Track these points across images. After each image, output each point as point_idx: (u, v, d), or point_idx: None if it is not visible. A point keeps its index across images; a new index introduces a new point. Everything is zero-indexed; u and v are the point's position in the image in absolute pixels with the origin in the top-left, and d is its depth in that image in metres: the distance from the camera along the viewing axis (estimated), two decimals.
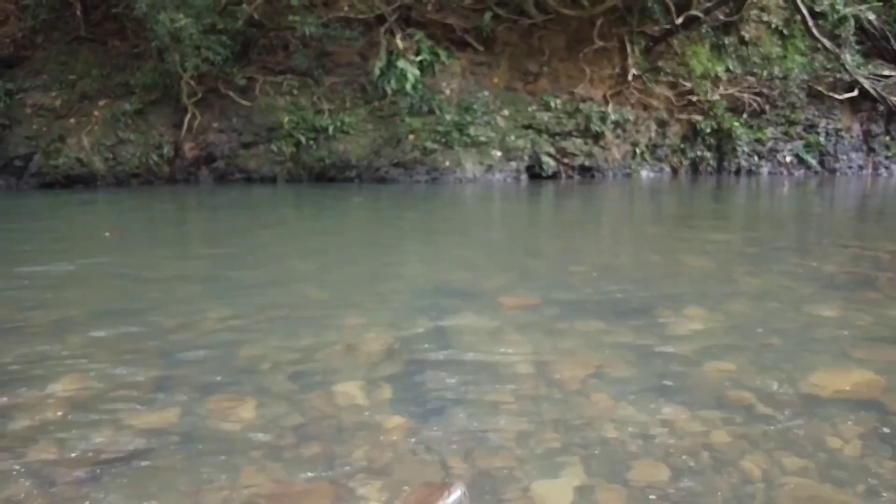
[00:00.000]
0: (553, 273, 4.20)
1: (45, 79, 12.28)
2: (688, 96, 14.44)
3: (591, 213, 8.10)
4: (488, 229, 6.54)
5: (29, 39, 12.92)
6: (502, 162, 12.58)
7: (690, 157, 14.33)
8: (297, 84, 12.45)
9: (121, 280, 4.08)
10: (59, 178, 11.18)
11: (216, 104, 12.13)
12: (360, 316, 3.23)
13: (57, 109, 11.90)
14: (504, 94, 13.54)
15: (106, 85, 12.21)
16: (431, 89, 12.78)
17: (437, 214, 7.90)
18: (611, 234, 6.06)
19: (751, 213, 8.22)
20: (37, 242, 5.69)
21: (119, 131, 11.61)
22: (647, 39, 14.52)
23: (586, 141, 13.37)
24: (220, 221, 7.10)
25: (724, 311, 3.33)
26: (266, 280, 4.05)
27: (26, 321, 3.18)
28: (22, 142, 11.52)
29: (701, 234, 5.98)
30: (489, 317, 3.20)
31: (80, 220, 7.85)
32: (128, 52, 12.67)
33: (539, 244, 5.41)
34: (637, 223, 6.95)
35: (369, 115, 12.53)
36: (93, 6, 12.85)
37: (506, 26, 13.90)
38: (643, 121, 13.94)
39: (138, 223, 7.33)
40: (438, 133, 12.37)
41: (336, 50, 12.83)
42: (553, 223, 6.99)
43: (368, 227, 6.84)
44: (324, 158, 12.05)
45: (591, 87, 13.85)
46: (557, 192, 10.93)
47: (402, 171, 12.18)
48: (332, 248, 5.31)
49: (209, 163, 11.99)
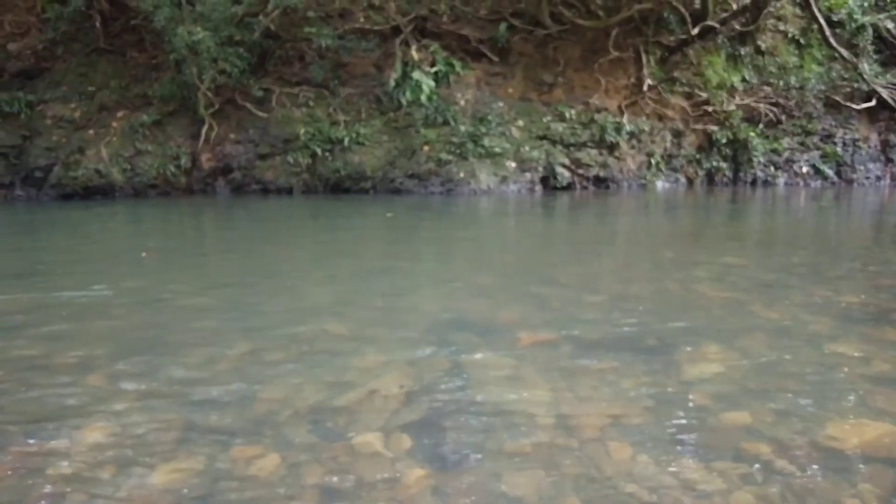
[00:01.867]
0: (568, 304, 4.21)
1: (65, 90, 12.46)
2: (703, 107, 14.43)
3: (605, 231, 8.10)
4: (503, 250, 6.56)
5: (49, 51, 13.10)
6: (517, 173, 12.61)
7: (706, 168, 14.31)
8: (313, 95, 12.56)
9: (146, 309, 4.13)
10: (78, 189, 11.34)
11: (233, 115, 12.26)
12: (379, 353, 3.26)
13: (76, 121, 12.07)
14: (519, 104, 13.58)
15: (124, 96, 12.37)
16: (446, 100, 12.84)
17: (451, 232, 7.93)
18: (625, 257, 6.06)
19: (766, 232, 8.19)
20: (71, 264, 5.78)
21: (137, 143, 11.76)
22: (663, 49, 14.52)
23: (601, 152, 13.38)
24: (239, 241, 7.16)
25: (740, 350, 3.33)
26: (285, 310, 4.09)
27: (53, 357, 3.23)
28: (42, 153, 11.69)
29: (716, 257, 5.97)
30: (506, 355, 3.22)
31: (110, 236, 7.95)
32: (146, 63, 12.83)
33: (554, 268, 5.42)
34: (651, 244, 6.94)
35: (384, 127, 12.61)
36: (112, 18, 13.02)
37: (521, 37, 13.95)
38: (658, 131, 13.93)
39: (160, 241, 7.42)
40: (453, 144, 12.43)
41: (352, 61, 12.92)
42: (567, 243, 7.00)
43: (383, 246, 6.88)
44: (339, 170, 12.13)
45: (606, 98, 13.85)
46: (572, 206, 10.93)
47: (416, 183, 12.24)
48: (348, 272, 5.35)
49: (226, 174, 12.11)
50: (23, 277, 5.18)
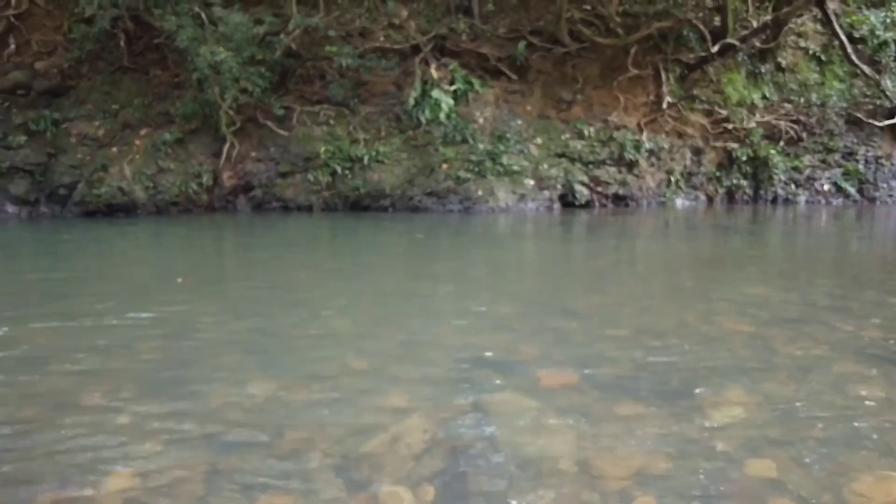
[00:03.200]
0: (590, 338, 4.21)
1: (90, 108, 12.65)
2: (723, 124, 14.38)
3: (625, 255, 8.09)
4: (522, 275, 6.57)
5: (75, 69, 13.33)
6: (535, 191, 12.62)
7: (726, 186, 14.25)
8: (334, 114, 12.66)
9: (171, 341, 4.19)
10: (101, 206, 11.49)
11: (254, 134, 12.38)
12: (401, 393, 3.28)
13: (100, 139, 12.25)
14: (537, 122, 13.61)
15: (147, 114, 12.54)
16: (465, 118, 12.90)
17: (469, 254, 7.96)
18: (645, 285, 6.04)
19: (788, 257, 8.14)
20: (96, 289, 5.87)
21: (159, 160, 11.90)
22: (682, 67, 14.50)
23: (620, 169, 13.36)
24: (262, 265, 7.22)
25: (763, 393, 3.32)
26: (307, 342, 4.13)
27: (80, 394, 3.28)
28: (66, 171, 11.86)
29: (737, 286, 5.94)
30: (528, 396, 3.23)
31: (136, 259, 8.06)
32: (169, 81, 13.01)
33: (573, 297, 5.42)
34: (671, 270, 6.92)
35: (403, 145, 12.68)
36: (136, 37, 13.22)
37: (539, 55, 14.00)
38: (678, 149, 13.90)
39: (185, 264, 7.50)
40: (471, 162, 12.48)
41: (371, 80, 13.02)
42: (586, 268, 6.99)
43: (402, 269, 6.92)
44: (359, 188, 12.21)
45: (625, 115, 13.85)
46: (590, 225, 10.92)
47: (435, 201, 12.29)
48: (368, 299, 5.39)
49: (247, 191, 12.22)
50: (50, 303, 5.26)
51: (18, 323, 4.60)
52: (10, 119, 12.54)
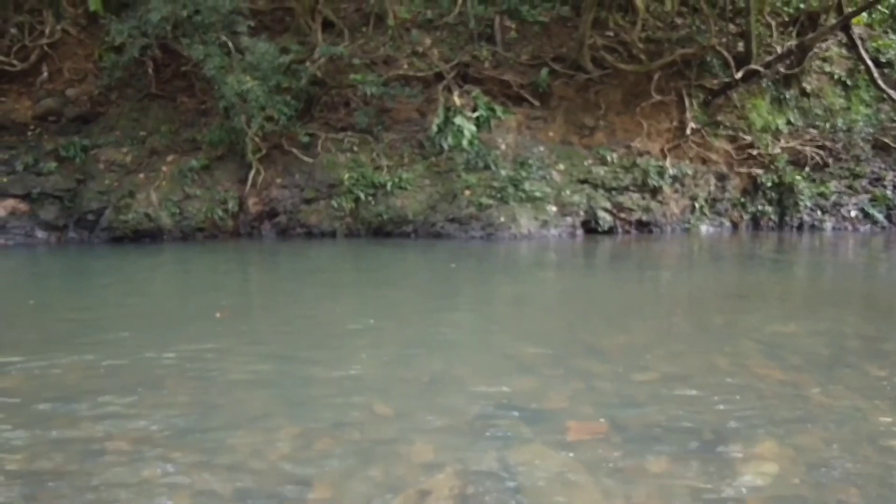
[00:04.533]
0: (618, 383, 4.17)
1: (118, 135, 12.87)
2: (748, 150, 14.29)
3: (650, 289, 8.02)
4: (546, 311, 6.53)
5: (104, 96, 13.58)
6: (558, 217, 12.59)
7: (751, 212, 14.11)
8: (358, 141, 12.77)
9: (198, 381, 4.22)
10: (128, 232, 11.64)
11: (280, 160, 12.52)
12: (427, 444, 3.26)
13: (128, 165, 12.44)
14: (560, 148, 13.61)
15: (174, 141, 12.73)
16: (487, 145, 12.94)
17: (492, 286, 7.94)
18: (672, 323, 5.98)
19: (816, 290, 8.02)
20: (126, 322, 5.94)
21: (186, 187, 12.05)
22: (706, 93, 14.46)
23: (644, 195, 13.30)
24: (288, 296, 7.28)
25: (795, 447, 3.26)
26: (332, 385, 4.13)
27: (108, 441, 3.31)
28: (95, 197, 12.04)
29: (766, 323, 5.86)
30: (556, 449, 3.20)
31: (165, 289, 8.14)
32: (196, 108, 13.21)
33: (599, 336, 5.37)
34: (698, 305, 6.84)
35: (426, 171, 12.74)
36: (164, 65, 13.46)
37: (562, 81, 14.04)
38: (702, 175, 13.82)
39: (212, 295, 7.57)
40: (494, 188, 12.49)
41: (395, 107, 13.13)
42: (611, 303, 6.94)
43: (425, 304, 6.91)
44: (381, 214, 12.27)
45: (648, 141, 13.80)
46: (614, 254, 10.86)
47: (457, 227, 12.30)
48: (392, 337, 5.39)
49: (272, 217, 12.33)
50: (81, 338, 5.32)
51: (50, 360, 4.66)
52: (42, 145, 12.80)
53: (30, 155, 12.55)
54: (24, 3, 14.04)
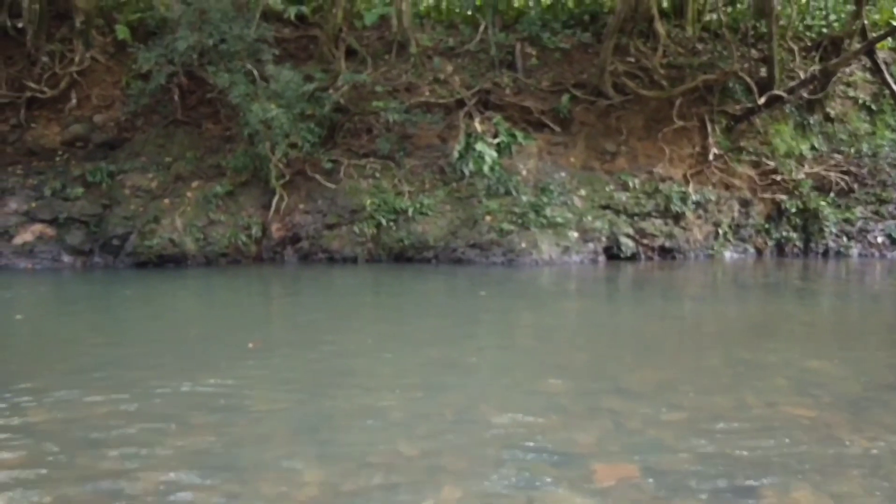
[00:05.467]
0: (646, 422, 4.11)
1: (144, 161, 13.05)
2: (772, 175, 14.17)
3: (675, 320, 7.93)
4: (570, 343, 6.47)
5: (131, 122, 13.81)
6: (579, 243, 12.54)
7: (775, 238, 13.96)
8: (380, 167, 12.85)
9: (223, 416, 4.22)
10: (152, 258, 11.74)
11: (303, 186, 12.62)
12: (453, 486, 3.23)
13: (153, 191, 12.58)
14: (581, 173, 13.60)
15: (199, 167, 12.88)
16: (508, 170, 12.97)
17: (514, 317, 7.90)
18: (699, 358, 5.89)
19: (844, 321, 7.89)
20: (151, 351, 5.99)
21: (210, 212, 12.16)
22: (729, 118, 14.41)
23: (666, 221, 13.22)
24: (312, 324, 7.31)
25: (832, 494, 3.18)
26: (358, 421, 4.12)
27: (133, 480, 3.31)
28: (120, 222, 12.18)
29: (794, 358, 5.77)
30: (584, 495, 3.15)
31: (191, 317, 8.20)
32: (220, 135, 13.38)
33: (626, 371, 5.31)
34: (725, 338, 6.75)
35: (447, 197, 12.78)
36: (189, 92, 13.68)
37: (583, 107, 14.07)
38: (725, 201, 13.72)
39: (236, 324, 7.61)
40: (515, 214, 12.49)
41: (417, 133, 13.22)
42: (636, 335, 6.87)
43: (447, 333, 6.88)
44: (403, 239, 12.30)
45: (670, 167, 13.76)
46: (637, 281, 10.78)
47: (478, 253, 12.29)
48: (415, 370, 5.37)
49: (294, 243, 12.41)
50: (107, 368, 5.35)
51: (76, 393, 4.69)
52: (69, 171, 13.01)
53: (58, 180, 12.75)
54: (55, 33, 14.38)
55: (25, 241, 12.28)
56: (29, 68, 14.17)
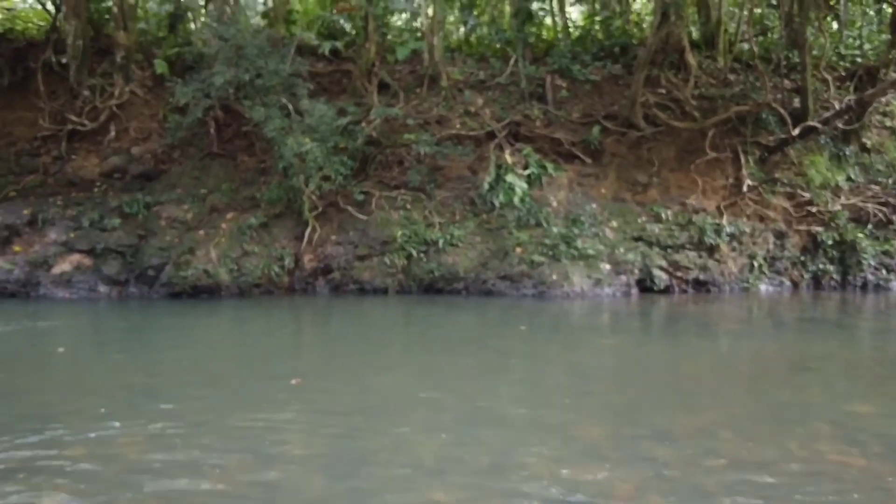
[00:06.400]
0: (687, 471, 4.02)
1: (180, 192, 13.29)
2: (807, 207, 13.98)
3: (712, 358, 7.80)
4: (606, 383, 6.37)
5: (167, 154, 14.11)
6: (611, 276, 12.43)
7: (812, 271, 13.72)
8: (411, 198, 12.93)
9: (258, 458, 4.23)
10: (186, 288, 11.89)
11: (335, 218, 12.75)
12: None
13: (188, 222, 12.79)
14: (612, 205, 13.54)
15: (234, 199, 13.08)
16: (538, 202, 12.96)
17: (547, 354, 7.82)
18: (739, 401, 5.77)
19: (887, 360, 7.67)
20: (186, 384, 6.04)
21: (244, 243, 12.32)
22: (762, 149, 14.29)
23: (700, 254, 13.08)
24: (346, 360, 7.33)
25: None
26: (393, 466, 4.10)
27: None
28: (156, 253, 12.38)
29: (838, 401, 5.63)
30: None
31: (227, 349, 8.27)
32: (255, 167, 13.60)
33: (664, 415, 5.21)
34: (765, 379, 6.61)
35: (478, 228, 12.80)
36: (225, 125, 13.96)
37: (614, 138, 14.06)
38: (760, 232, 13.54)
39: (272, 358, 7.66)
40: (545, 246, 12.45)
41: (447, 165, 13.31)
42: (673, 375, 6.75)
43: (479, 371, 6.84)
44: (433, 271, 12.32)
45: (703, 198, 13.64)
46: (671, 315, 10.64)
47: (508, 284, 12.26)
48: (449, 411, 5.32)
49: (326, 274, 12.50)
50: (143, 404, 5.39)
51: (113, 429, 4.74)
52: (107, 202, 13.28)
53: (96, 211, 13.00)
54: (97, 68, 14.81)
55: (64, 270, 12.51)
56: (71, 102, 14.60)
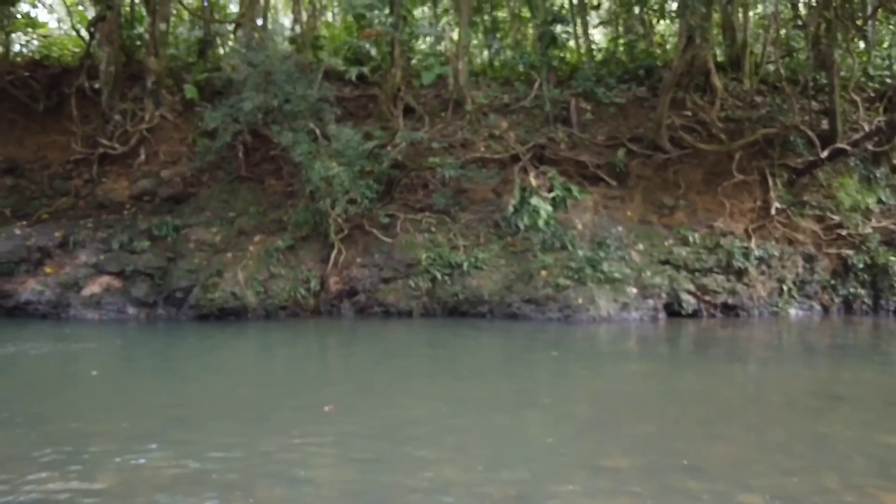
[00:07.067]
0: None
1: (208, 215, 13.46)
2: (837, 230, 13.80)
3: (743, 386, 7.68)
4: (635, 413, 6.27)
5: (196, 178, 14.32)
6: (638, 300, 12.33)
7: (842, 295, 13.51)
8: (435, 221, 12.98)
9: (285, 488, 4.23)
10: (214, 310, 11.99)
11: (360, 240, 12.82)
12: None
13: (216, 244, 12.93)
14: (638, 227, 13.46)
15: (261, 222, 13.22)
16: (564, 224, 12.93)
17: (574, 382, 7.75)
18: (771, 431, 5.65)
19: None
20: (214, 410, 6.07)
21: (271, 266, 12.43)
22: (790, 172, 14.16)
23: (728, 277, 12.95)
24: (373, 384, 7.34)
25: None
26: (420, 497, 4.07)
27: None
28: (184, 275, 12.51)
29: (874, 433, 5.49)
30: None
31: (255, 374, 8.32)
32: (282, 190, 13.75)
33: (696, 446, 5.13)
34: (797, 408, 6.48)
35: (502, 251, 12.80)
36: (253, 149, 14.14)
37: (639, 161, 14.01)
38: (789, 256, 13.37)
39: (299, 383, 7.69)
40: (571, 269, 12.39)
41: (472, 188, 13.35)
42: (704, 404, 6.65)
43: (505, 398, 6.79)
44: (457, 293, 12.32)
45: (731, 221, 13.53)
46: (700, 341, 10.52)
47: (533, 308, 12.21)
48: (476, 440, 5.29)
49: (351, 296, 12.56)
50: (172, 430, 5.43)
51: (142, 455, 4.78)
52: (136, 225, 13.48)
53: (125, 234, 13.19)
54: (128, 93, 15.12)
55: (93, 292, 12.68)
56: (103, 126, 14.90)
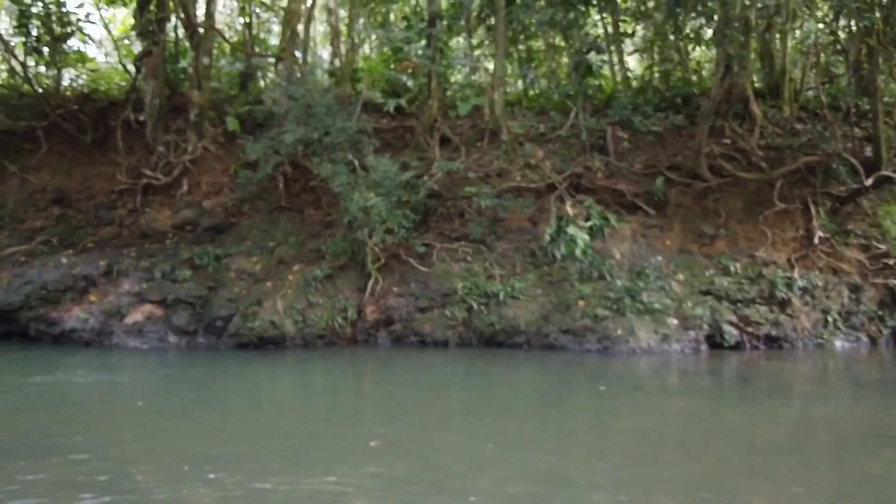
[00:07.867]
0: None
1: (249, 245, 13.67)
2: (883, 259, 13.48)
3: (789, 424, 7.49)
4: (680, 452, 6.14)
5: (237, 208, 14.58)
6: (679, 331, 12.13)
7: (891, 326, 13.15)
8: (471, 250, 13.00)
9: None
10: (253, 339, 12.13)
11: (397, 270, 12.89)
12: None
13: (256, 274, 13.11)
14: (678, 257, 13.29)
15: (300, 251, 13.39)
16: (601, 254, 12.82)
17: (613, 418, 7.64)
18: (822, 475, 5.50)
19: None
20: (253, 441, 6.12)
21: (310, 295, 12.54)
22: (833, 200, 13.90)
23: (772, 308, 12.69)
24: (406, 416, 7.34)
25: None
26: None
27: None
28: (224, 304, 12.69)
29: None
30: None
31: (298, 407, 8.39)
32: (321, 220, 13.93)
33: (742, 491, 4.99)
34: (847, 449, 6.29)
35: (539, 281, 12.74)
36: (293, 180, 14.37)
37: (678, 189, 13.88)
38: (834, 286, 13.07)
39: (336, 416, 7.72)
40: (609, 299, 12.26)
41: (508, 217, 13.36)
42: (748, 443, 6.49)
43: (541, 434, 6.72)
44: (494, 324, 12.28)
45: (773, 251, 13.30)
46: (743, 375, 10.32)
47: (571, 339, 12.10)
48: (514, 481, 5.22)
49: (387, 325, 12.60)
50: (217, 464, 5.46)
51: (185, 490, 4.83)
52: (178, 254, 13.74)
53: (167, 263, 13.45)
54: (172, 125, 15.52)
55: (136, 321, 12.93)
56: (147, 157, 15.30)
